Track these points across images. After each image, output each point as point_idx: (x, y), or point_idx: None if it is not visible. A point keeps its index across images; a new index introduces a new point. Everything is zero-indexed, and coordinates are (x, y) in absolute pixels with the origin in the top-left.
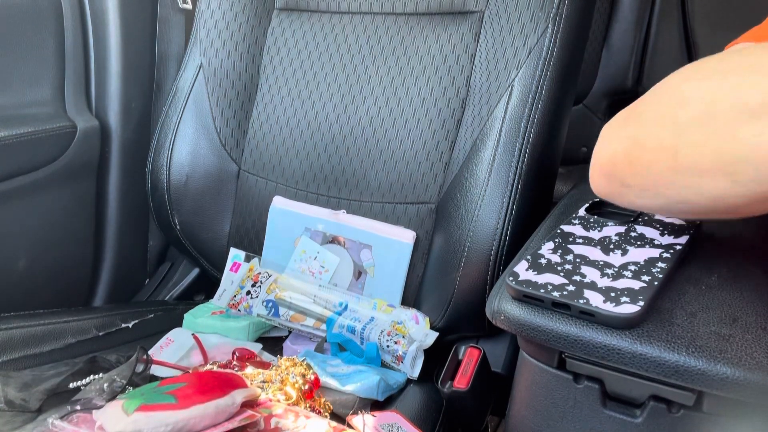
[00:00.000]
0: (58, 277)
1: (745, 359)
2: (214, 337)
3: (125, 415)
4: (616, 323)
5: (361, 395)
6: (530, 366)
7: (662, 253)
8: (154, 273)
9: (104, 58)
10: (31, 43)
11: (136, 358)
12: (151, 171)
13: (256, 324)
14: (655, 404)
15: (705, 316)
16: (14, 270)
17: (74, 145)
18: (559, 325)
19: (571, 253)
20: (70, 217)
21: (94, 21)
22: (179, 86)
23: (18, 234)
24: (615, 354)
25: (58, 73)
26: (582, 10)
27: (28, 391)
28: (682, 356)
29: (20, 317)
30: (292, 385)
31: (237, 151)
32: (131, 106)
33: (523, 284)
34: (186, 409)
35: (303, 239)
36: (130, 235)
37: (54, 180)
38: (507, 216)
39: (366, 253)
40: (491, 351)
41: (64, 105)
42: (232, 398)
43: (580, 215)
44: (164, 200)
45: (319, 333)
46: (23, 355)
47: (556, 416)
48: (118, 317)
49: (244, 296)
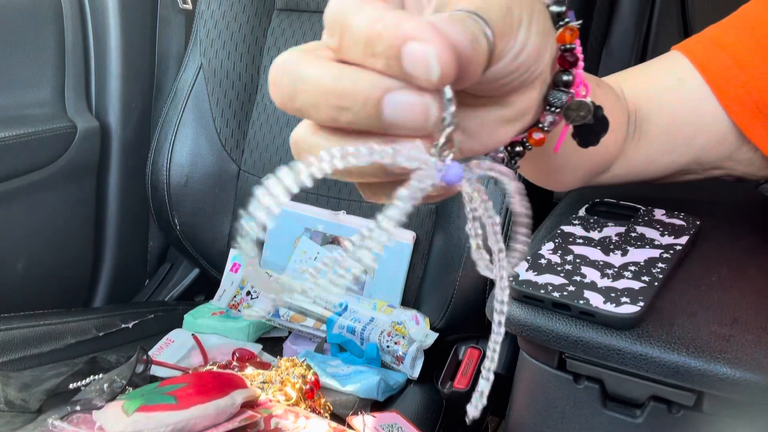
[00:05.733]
0: (58, 277)
1: (745, 359)
2: (214, 337)
3: (125, 416)
4: (616, 323)
5: (361, 395)
6: (530, 366)
7: (662, 253)
8: (154, 273)
9: (104, 58)
10: (31, 44)
11: (136, 358)
12: (151, 171)
13: (256, 324)
14: (655, 404)
15: (705, 316)
16: (14, 270)
17: (74, 145)
18: (559, 326)
19: (571, 254)
20: (70, 217)
21: (94, 21)
22: (179, 87)
23: (18, 234)
24: (615, 354)
25: (58, 74)
26: (582, 10)
27: (28, 391)
28: (682, 356)
29: (20, 317)
30: (292, 386)
31: (237, 151)
32: (131, 106)
33: (523, 285)
34: (186, 409)
35: (303, 240)
36: (130, 235)
37: (54, 180)
38: (507, 216)
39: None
40: None
41: (64, 105)
42: (232, 399)
43: (580, 216)
44: (164, 200)
45: (319, 333)
46: (23, 355)
47: (556, 416)
48: (118, 317)
49: (244, 297)
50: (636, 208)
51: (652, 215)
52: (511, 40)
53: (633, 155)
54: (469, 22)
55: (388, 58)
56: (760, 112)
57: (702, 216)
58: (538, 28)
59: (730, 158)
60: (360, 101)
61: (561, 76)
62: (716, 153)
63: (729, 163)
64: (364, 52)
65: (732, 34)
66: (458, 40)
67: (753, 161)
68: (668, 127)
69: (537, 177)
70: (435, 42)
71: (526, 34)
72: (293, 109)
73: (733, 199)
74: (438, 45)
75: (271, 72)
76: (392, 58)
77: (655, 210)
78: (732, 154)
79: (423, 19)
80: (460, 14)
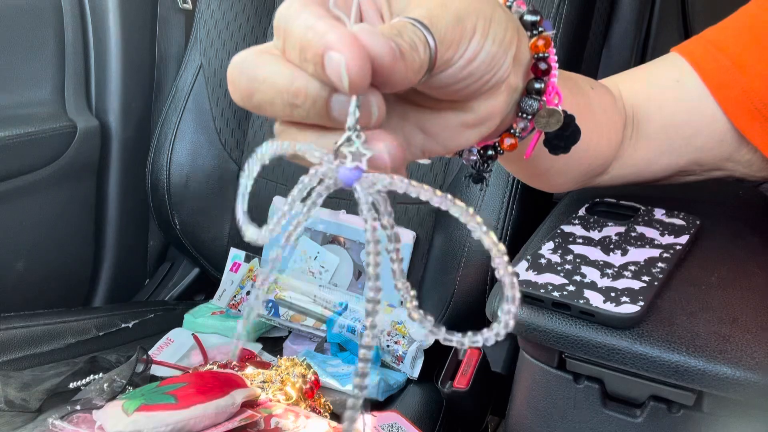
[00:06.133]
0: (58, 277)
1: (745, 359)
2: (214, 337)
3: (125, 415)
4: (616, 323)
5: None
6: (530, 366)
7: (662, 253)
8: (154, 273)
9: (104, 58)
10: (31, 43)
11: (136, 358)
12: (151, 171)
13: (256, 324)
14: (655, 404)
15: (705, 316)
16: (14, 270)
17: (74, 145)
18: (559, 325)
19: (571, 253)
20: (70, 217)
21: (94, 21)
22: (179, 86)
23: (18, 234)
24: (615, 354)
25: (58, 73)
26: (582, 10)
27: (28, 391)
28: (682, 356)
29: (20, 317)
30: (292, 385)
31: (237, 151)
32: (131, 106)
33: (524, 284)
34: (186, 409)
35: (303, 239)
36: (130, 235)
37: (54, 180)
38: (507, 216)
39: None
40: (491, 351)
41: (64, 105)
42: (232, 398)
43: (580, 215)
44: (164, 200)
45: (319, 333)
46: (23, 355)
47: (556, 416)
48: (118, 317)
49: (244, 296)
50: (636, 208)
51: (652, 215)
52: (461, 49)
53: (631, 156)
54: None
55: (315, 65)
56: (758, 113)
57: (702, 216)
58: (495, 38)
59: (729, 159)
60: (310, 100)
61: (533, 83)
62: (715, 154)
63: (728, 164)
64: (299, 57)
65: (730, 35)
66: (376, 50)
67: (752, 162)
68: (667, 128)
69: (526, 179)
70: (346, 52)
71: (479, 43)
72: (252, 106)
73: (733, 199)
74: (349, 55)
75: (229, 72)
76: (318, 65)
77: (655, 210)
78: (731, 155)
79: (347, 30)
80: (400, 23)
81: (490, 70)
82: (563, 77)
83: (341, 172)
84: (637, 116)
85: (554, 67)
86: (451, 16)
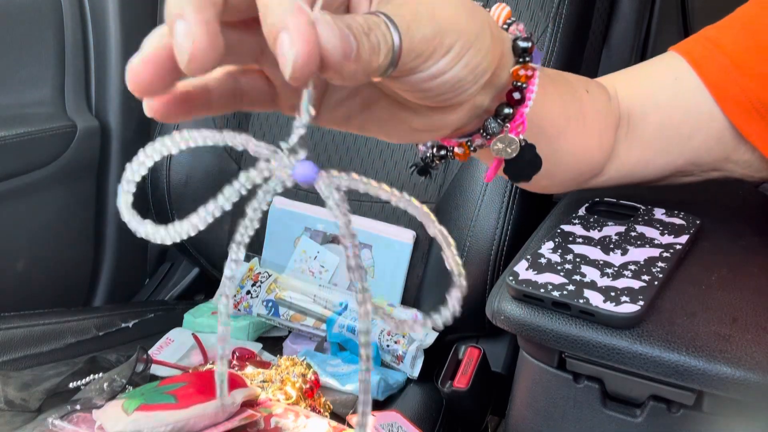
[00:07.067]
0: (58, 277)
1: (745, 359)
2: (214, 336)
3: (125, 415)
4: (616, 323)
5: None
6: (530, 366)
7: (662, 252)
8: (154, 273)
9: (104, 58)
10: (31, 43)
11: (135, 357)
12: (151, 171)
13: (256, 324)
14: (655, 404)
15: (705, 316)
16: (14, 270)
17: (74, 145)
18: (559, 325)
19: (571, 253)
20: (70, 217)
21: (94, 21)
22: None
23: (18, 234)
24: (615, 354)
25: (58, 73)
26: (582, 10)
27: (28, 391)
28: (682, 356)
29: (20, 317)
30: (292, 385)
31: (237, 150)
32: (131, 106)
33: (523, 284)
34: (186, 408)
35: (303, 239)
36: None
37: (54, 180)
38: (507, 216)
39: (366, 253)
40: (491, 351)
41: (64, 105)
42: (232, 398)
43: (580, 215)
44: (164, 200)
45: (319, 333)
46: (23, 355)
47: (556, 416)
48: (118, 317)
49: (244, 296)
50: (636, 208)
51: (652, 214)
52: (428, 63)
53: (627, 156)
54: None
55: (268, 34)
56: (756, 112)
57: (702, 216)
58: (468, 64)
59: (728, 160)
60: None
61: (503, 108)
62: (713, 154)
63: (726, 164)
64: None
65: (729, 34)
66: (329, 46)
67: (751, 163)
68: (664, 128)
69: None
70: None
71: (448, 64)
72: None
73: (733, 199)
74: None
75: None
76: (270, 38)
77: (655, 209)
78: (729, 155)
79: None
80: (375, 20)
81: (451, 91)
82: (559, 81)
83: (298, 171)
84: (633, 115)
85: (529, 98)
86: (430, 28)
